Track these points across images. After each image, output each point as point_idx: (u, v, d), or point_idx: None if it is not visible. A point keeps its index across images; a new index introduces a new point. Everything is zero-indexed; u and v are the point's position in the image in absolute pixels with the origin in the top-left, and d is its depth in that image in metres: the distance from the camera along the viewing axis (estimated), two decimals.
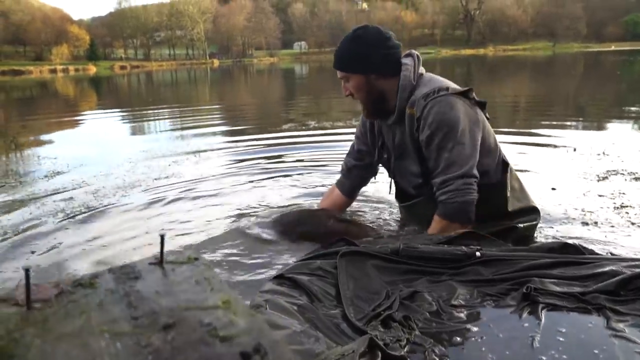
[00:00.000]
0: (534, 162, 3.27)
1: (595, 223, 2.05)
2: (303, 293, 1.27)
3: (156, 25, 72.07)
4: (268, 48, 78.11)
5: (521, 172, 2.80)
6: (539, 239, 1.87)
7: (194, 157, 3.96)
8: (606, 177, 2.79)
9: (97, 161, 3.96)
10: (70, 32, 59.71)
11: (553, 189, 2.58)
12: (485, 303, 1.26)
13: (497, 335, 1.14)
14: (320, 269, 1.38)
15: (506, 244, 1.60)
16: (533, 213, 1.88)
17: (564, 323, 1.15)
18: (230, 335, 0.50)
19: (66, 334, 0.52)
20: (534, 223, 1.88)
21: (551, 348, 1.08)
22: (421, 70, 1.82)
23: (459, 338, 1.13)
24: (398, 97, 1.78)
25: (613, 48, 52.15)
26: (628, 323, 1.13)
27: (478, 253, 1.41)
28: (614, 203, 2.31)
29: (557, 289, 1.25)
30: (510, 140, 4.08)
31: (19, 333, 0.52)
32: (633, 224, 2.03)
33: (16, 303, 0.58)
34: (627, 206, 2.26)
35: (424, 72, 1.83)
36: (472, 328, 1.16)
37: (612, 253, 1.64)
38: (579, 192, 2.50)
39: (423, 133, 1.73)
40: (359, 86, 1.80)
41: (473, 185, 1.70)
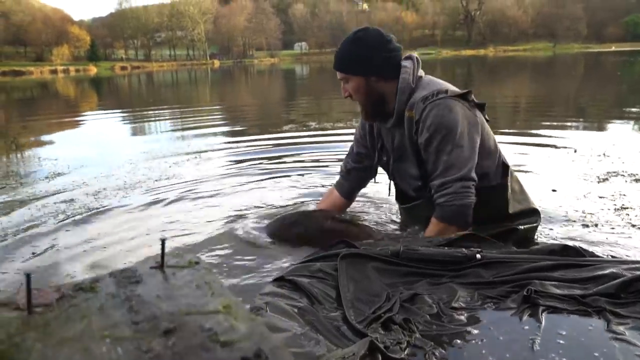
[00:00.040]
0: (535, 164, 3.27)
1: (595, 225, 2.05)
2: (303, 295, 1.27)
3: (157, 25, 72.11)
4: (269, 49, 78.14)
5: (521, 174, 2.80)
6: (540, 241, 1.87)
7: (195, 158, 3.96)
8: (607, 179, 2.79)
9: (98, 162, 3.96)
10: (70, 33, 59.76)
11: (553, 191, 2.58)
12: (485, 305, 1.27)
13: (498, 337, 1.14)
14: (320, 271, 1.38)
15: (507, 246, 1.60)
16: (534, 215, 1.88)
17: (565, 326, 1.15)
18: (231, 340, 0.50)
19: (67, 339, 0.52)
20: (535, 225, 1.88)
21: (551, 351, 1.08)
22: (420, 73, 1.83)
23: (460, 341, 1.13)
24: (397, 100, 1.79)
25: (613, 49, 52.16)
26: (628, 326, 1.13)
27: (478, 255, 1.41)
28: (615, 205, 2.31)
29: (558, 292, 1.26)
30: (510, 141, 4.08)
31: (20, 337, 0.52)
32: (634, 226, 2.02)
33: (17, 307, 0.58)
34: (628, 208, 2.26)
35: (424, 75, 1.84)
36: (473, 330, 1.16)
37: (613, 255, 1.64)
38: (580, 194, 2.50)
39: (422, 136, 1.73)
40: (359, 88, 1.80)
41: (471, 188, 1.70)
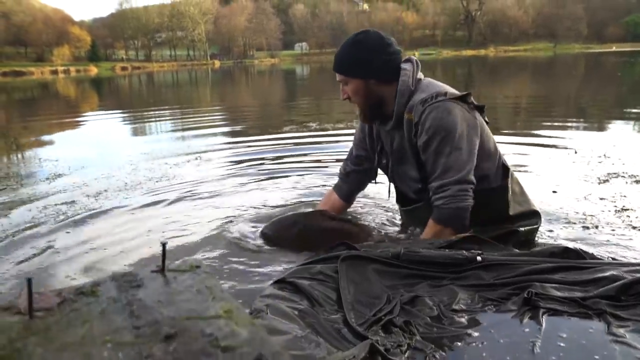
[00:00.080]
0: (535, 165, 3.27)
1: (596, 227, 2.05)
2: (304, 297, 1.27)
3: (157, 26, 72.08)
4: (269, 49, 78.11)
5: (522, 175, 2.80)
6: (540, 243, 1.87)
7: (195, 159, 3.96)
8: (607, 180, 2.79)
9: (98, 163, 3.96)
10: (71, 33, 59.74)
11: (554, 192, 2.58)
12: (486, 308, 1.27)
13: (498, 340, 1.14)
14: (321, 273, 1.38)
15: (507, 248, 1.60)
16: (534, 217, 1.88)
17: (565, 328, 1.15)
18: (232, 345, 0.50)
19: (68, 344, 0.52)
20: (535, 227, 1.88)
21: (552, 353, 1.08)
22: (420, 75, 1.83)
23: (460, 343, 1.13)
24: (396, 102, 1.79)
25: (614, 49, 52.11)
26: (629, 328, 1.13)
27: (479, 257, 1.41)
28: (615, 206, 2.31)
29: (558, 294, 1.25)
30: (511, 141, 4.09)
31: (22, 342, 0.52)
32: (634, 228, 2.02)
33: (19, 311, 0.58)
34: (628, 209, 2.26)
35: (423, 78, 1.84)
36: (473, 333, 1.16)
37: (613, 257, 1.64)
38: (580, 195, 2.50)
39: (420, 138, 1.73)
40: (358, 90, 1.80)
41: (469, 191, 1.70)
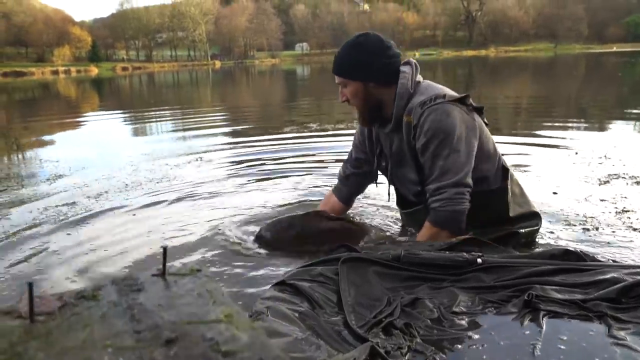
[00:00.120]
0: (535, 166, 3.27)
1: (596, 228, 2.05)
2: (304, 300, 1.28)
3: (158, 26, 72.10)
4: (270, 49, 78.12)
5: (522, 175, 2.81)
6: (540, 245, 1.87)
7: (196, 160, 3.97)
8: (608, 181, 2.79)
9: (99, 164, 3.97)
10: (72, 34, 59.76)
11: (554, 193, 2.57)
12: (486, 310, 1.27)
13: (499, 342, 1.14)
14: (321, 276, 1.39)
15: (507, 250, 1.60)
16: (534, 218, 1.88)
17: (566, 330, 1.15)
18: (232, 350, 0.50)
19: (69, 348, 0.52)
20: (536, 228, 1.88)
21: (552, 356, 1.08)
22: (419, 78, 1.83)
23: (460, 345, 1.14)
24: (395, 105, 1.79)
25: (615, 49, 52.08)
26: (629, 331, 1.13)
27: (479, 259, 1.41)
28: (616, 208, 2.31)
29: (559, 296, 1.26)
30: (511, 142, 4.09)
31: (23, 346, 0.52)
32: (635, 230, 2.02)
33: (19, 316, 0.58)
34: (629, 211, 2.26)
35: (422, 80, 1.84)
36: (474, 335, 1.16)
37: (614, 260, 1.64)
38: (581, 197, 2.50)
39: (419, 141, 1.74)
40: (357, 93, 1.80)
41: (465, 195, 1.71)
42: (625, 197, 2.46)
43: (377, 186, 2.13)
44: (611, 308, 1.20)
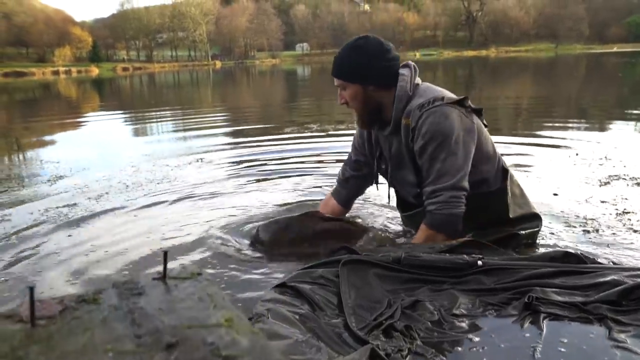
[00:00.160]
0: (536, 167, 3.27)
1: (597, 230, 2.05)
2: (305, 302, 1.28)
3: (158, 26, 72.09)
4: (270, 49, 78.10)
5: (522, 176, 2.81)
6: (541, 246, 1.87)
7: (197, 161, 3.97)
8: (608, 183, 2.79)
9: (100, 165, 3.97)
10: (72, 34, 59.76)
11: (555, 195, 2.57)
12: (486, 312, 1.27)
13: (499, 345, 1.14)
14: (322, 278, 1.39)
15: (508, 252, 1.60)
16: (535, 219, 1.88)
17: (566, 333, 1.15)
18: (233, 355, 0.50)
19: (70, 352, 0.53)
20: (536, 229, 1.88)
21: (553, 358, 1.08)
22: (417, 80, 1.83)
23: (461, 348, 1.14)
24: (394, 108, 1.79)
25: (615, 49, 52.03)
26: (630, 333, 1.13)
27: (480, 262, 1.41)
28: (616, 209, 2.31)
29: (559, 299, 1.26)
30: (512, 142, 4.09)
31: (24, 350, 0.53)
32: (635, 232, 2.02)
33: (20, 320, 0.59)
34: (630, 212, 2.26)
35: (421, 83, 1.84)
36: (474, 338, 1.16)
37: (614, 262, 1.64)
38: (581, 198, 2.50)
39: (417, 143, 1.74)
40: (356, 96, 1.80)
41: (462, 198, 1.71)
42: (625, 199, 2.46)
43: (378, 188, 2.13)
44: (611, 310, 1.20)
